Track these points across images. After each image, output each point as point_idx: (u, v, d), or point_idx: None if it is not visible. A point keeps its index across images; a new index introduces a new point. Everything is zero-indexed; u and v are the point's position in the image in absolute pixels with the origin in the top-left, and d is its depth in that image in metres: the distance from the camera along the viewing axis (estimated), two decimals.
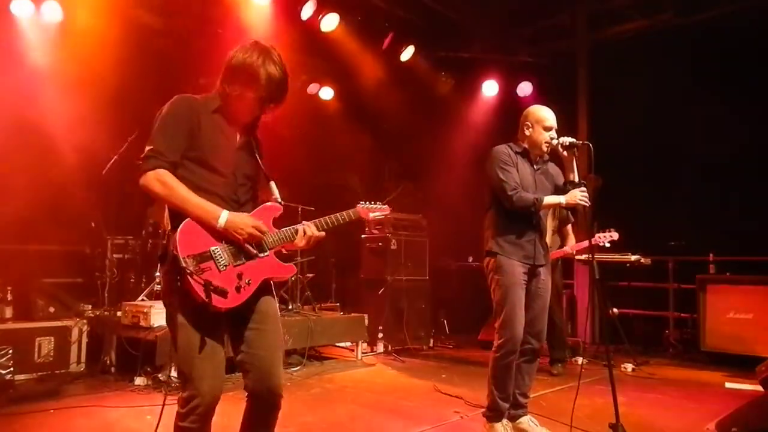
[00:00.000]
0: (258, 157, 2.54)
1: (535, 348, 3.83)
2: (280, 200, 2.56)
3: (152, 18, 6.57)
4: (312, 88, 8.42)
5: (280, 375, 2.44)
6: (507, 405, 3.76)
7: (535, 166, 3.86)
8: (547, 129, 3.75)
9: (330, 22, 7.10)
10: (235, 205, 2.43)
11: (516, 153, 3.83)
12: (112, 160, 5.75)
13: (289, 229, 2.49)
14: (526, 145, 3.83)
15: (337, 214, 2.62)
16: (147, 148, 2.34)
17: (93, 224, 6.11)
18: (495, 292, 3.77)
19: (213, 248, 2.29)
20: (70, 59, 6.01)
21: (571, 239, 6.04)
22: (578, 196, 3.62)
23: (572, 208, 4.02)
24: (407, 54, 8.07)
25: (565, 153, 3.66)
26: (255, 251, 2.38)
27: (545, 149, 3.78)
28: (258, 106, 2.41)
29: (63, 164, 5.96)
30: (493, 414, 3.76)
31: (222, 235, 2.32)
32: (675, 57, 7.28)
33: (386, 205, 2.84)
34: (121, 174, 5.71)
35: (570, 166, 3.72)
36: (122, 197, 6.07)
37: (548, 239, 5.85)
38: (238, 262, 2.34)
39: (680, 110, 7.39)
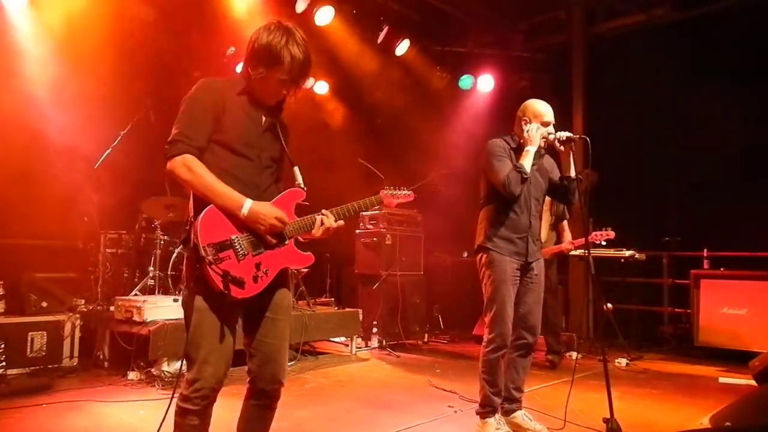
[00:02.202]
0: (283, 141, 2.52)
1: (530, 342, 3.82)
2: (303, 186, 2.53)
3: (146, 10, 6.52)
4: (307, 82, 8.38)
5: (284, 363, 2.47)
6: (499, 400, 3.76)
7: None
8: (545, 124, 3.70)
9: (325, 16, 7.07)
10: (257, 190, 2.41)
11: (511, 148, 3.78)
12: (105, 154, 5.72)
13: (308, 218, 2.47)
14: (522, 141, 3.76)
15: (359, 201, 2.58)
16: (173, 131, 2.32)
17: (86, 218, 6.06)
18: (486, 287, 3.76)
19: (233, 237, 2.29)
20: (62, 52, 5.96)
21: (567, 235, 6.04)
22: (543, 131, 3.60)
23: (568, 206, 4.01)
24: (402, 48, 8.05)
25: (561, 148, 3.64)
26: (275, 241, 2.37)
27: (542, 144, 3.73)
28: (282, 87, 2.39)
29: (55, 158, 5.91)
30: (486, 409, 3.74)
31: (243, 224, 2.31)
32: (671, 51, 7.27)
33: (411, 191, 2.78)
34: (114, 168, 5.69)
35: (567, 160, 3.69)
36: (115, 191, 6.03)
37: (544, 235, 5.88)
38: (257, 252, 2.33)
39: (676, 105, 7.40)
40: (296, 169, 2.56)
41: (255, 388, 2.46)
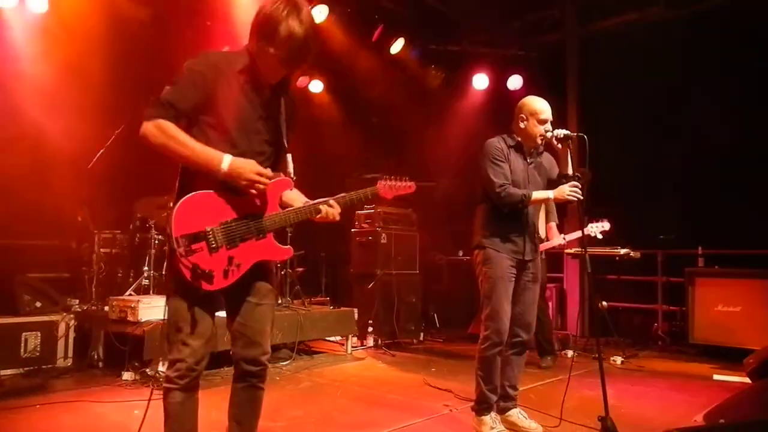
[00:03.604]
0: (281, 123, 2.42)
1: (524, 340, 3.82)
2: (293, 175, 2.45)
3: (139, 9, 6.49)
4: (301, 80, 8.38)
5: (266, 345, 2.47)
6: (495, 397, 3.76)
7: (528, 160, 3.82)
8: (542, 122, 3.69)
9: (319, 14, 7.05)
10: None
11: (509, 146, 3.78)
12: (99, 153, 5.70)
13: (309, 208, 2.41)
14: (519, 138, 3.78)
15: (354, 192, 2.49)
16: (157, 95, 2.27)
17: (80, 218, 6.05)
18: (482, 284, 3.75)
19: (208, 229, 2.25)
20: (55, 51, 5.93)
21: (554, 232, 6.04)
22: (567, 191, 3.58)
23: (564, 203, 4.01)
24: (397, 47, 8.04)
25: (559, 146, 3.63)
26: (255, 192, 2.28)
27: (540, 142, 3.73)
28: (279, 64, 2.29)
29: (49, 157, 5.88)
30: (482, 407, 3.75)
31: (220, 214, 2.27)
32: (665, 50, 7.28)
33: (411, 182, 2.67)
34: (108, 168, 5.68)
35: (564, 159, 3.68)
36: (109, 191, 6.02)
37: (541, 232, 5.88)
38: (232, 245, 2.29)
39: (670, 103, 7.41)
40: (289, 156, 2.47)
41: (240, 370, 2.48)
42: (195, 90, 2.26)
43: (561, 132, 3.57)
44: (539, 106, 3.73)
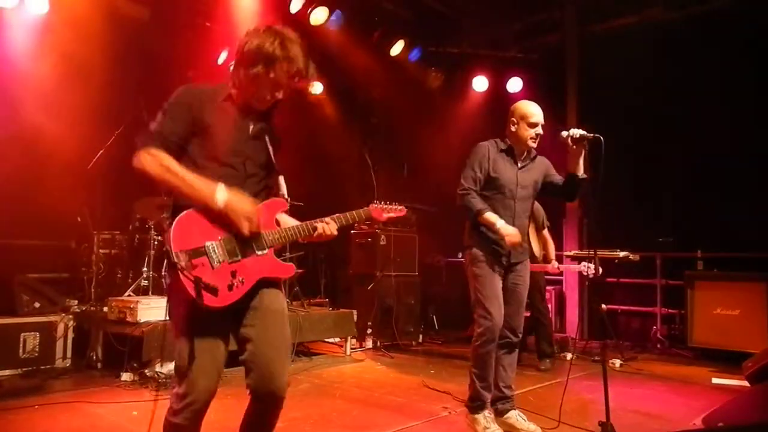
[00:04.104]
0: (271, 148, 2.44)
1: (513, 342, 3.86)
2: (286, 196, 2.49)
3: (139, 10, 6.49)
4: (303, 81, 8.37)
5: (284, 375, 2.32)
6: (489, 395, 3.77)
7: (519, 164, 3.85)
8: (533, 125, 3.75)
9: (319, 16, 7.06)
10: None
11: (500, 150, 3.85)
12: (99, 154, 5.70)
13: (306, 226, 2.42)
14: (510, 142, 3.85)
15: (348, 213, 2.52)
16: (147, 130, 2.28)
17: (79, 219, 6.05)
18: (472, 282, 3.81)
19: (208, 243, 2.22)
20: (55, 52, 5.93)
21: (550, 244, 6.05)
22: (512, 240, 3.61)
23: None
24: (397, 48, 8.04)
25: (574, 146, 3.61)
26: (247, 234, 2.27)
27: (531, 145, 3.79)
28: (276, 87, 2.33)
29: (48, 158, 5.88)
30: (475, 404, 3.77)
31: (219, 230, 2.24)
32: (664, 51, 7.29)
33: (402, 207, 2.74)
34: (108, 168, 5.67)
35: (576, 159, 3.67)
36: (109, 192, 6.01)
37: (537, 250, 5.90)
38: (233, 259, 2.25)
39: (669, 106, 7.41)
40: (281, 178, 2.52)
41: (256, 403, 2.36)
42: (183, 119, 2.28)
43: (577, 132, 3.53)
44: (530, 109, 3.78)
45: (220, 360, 2.28)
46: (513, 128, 3.81)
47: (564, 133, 3.59)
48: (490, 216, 3.69)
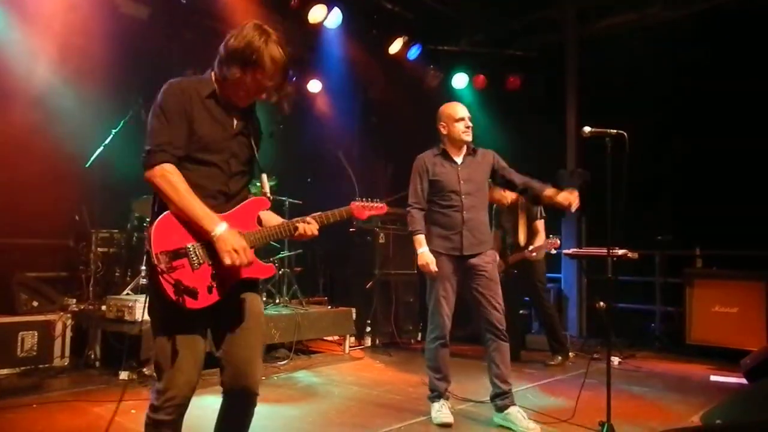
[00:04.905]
0: (254, 145, 2.44)
1: (497, 338, 3.96)
2: (269, 194, 2.48)
3: (138, 8, 6.48)
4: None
5: (257, 374, 2.37)
6: (445, 385, 4.07)
7: (459, 162, 4.04)
8: (459, 120, 4.00)
9: (318, 14, 7.05)
10: (224, 198, 2.35)
11: (436, 155, 4.09)
12: (97, 153, 5.69)
13: (287, 226, 2.42)
14: (444, 146, 4.08)
15: (329, 212, 2.52)
16: (152, 141, 2.22)
17: (77, 217, 6.03)
18: (428, 283, 4.09)
19: (189, 245, 2.20)
20: (54, 50, 5.91)
21: (542, 235, 6.03)
22: (422, 268, 4.02)
23: (546, 205, 4.13)
24: (396, 47, 8.03)
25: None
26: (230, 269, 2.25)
27: (466, 139, 4.00)
28: (258, 89, 2.32)
29: (46, 156, 5.86)
30: (433, 394, 4.07)
31: (201, 231, 2.22)
32: (664, 50, 7.28)
33: (383, 204, 2.73)
34: (106, 167, 5.66)
35: (558, 192, 3.85)
36: (107, 190, 6.00)
37: (522, 239, 5.92)
38: (213, 261, 2.23)
39: (669, 104, 7.41)
40: (264, 176, 2.52)
41: (230, 401, 2.40)
42: (183, 125, 2.26)
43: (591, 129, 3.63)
44: (453, 108, 4.07)
45: (200, 355, 2.29)
46: (444, 131, 4.08)
47: (586, 129, 3.71)
48: (418, 238, 4.04)
